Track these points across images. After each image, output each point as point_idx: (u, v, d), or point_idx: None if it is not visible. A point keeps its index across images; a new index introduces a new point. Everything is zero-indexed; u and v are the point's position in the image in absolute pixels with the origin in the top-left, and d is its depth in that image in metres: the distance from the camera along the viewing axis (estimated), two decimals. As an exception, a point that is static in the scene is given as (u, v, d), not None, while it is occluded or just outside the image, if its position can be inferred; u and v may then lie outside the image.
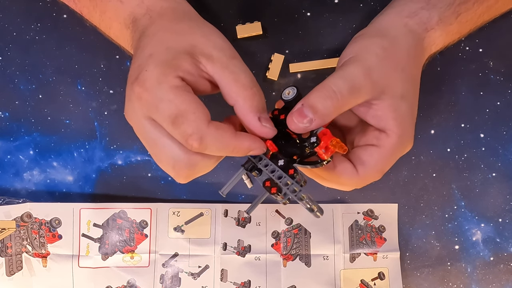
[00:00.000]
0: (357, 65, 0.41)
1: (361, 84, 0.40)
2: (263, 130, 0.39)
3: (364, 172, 0.41)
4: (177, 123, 0.36)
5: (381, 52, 0.42)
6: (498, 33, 0.57)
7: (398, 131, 0.41)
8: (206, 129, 0.37)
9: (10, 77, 0.57)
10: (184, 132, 0.36)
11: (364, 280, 0.58)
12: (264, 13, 0.56)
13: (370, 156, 0.41)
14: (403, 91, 0.42)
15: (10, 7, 0.57)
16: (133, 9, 0.43)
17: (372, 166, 0.41)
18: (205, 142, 0.37)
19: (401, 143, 0.42)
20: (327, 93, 0.39)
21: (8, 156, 0.57)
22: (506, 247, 0.58)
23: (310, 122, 0.39)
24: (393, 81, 0.41)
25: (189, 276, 0.57)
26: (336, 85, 0.39)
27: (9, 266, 0.55)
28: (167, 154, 0.38)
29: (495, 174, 0.58)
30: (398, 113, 0.41)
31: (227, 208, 0.58)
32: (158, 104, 0.37)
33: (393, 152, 0.42)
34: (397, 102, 0.41)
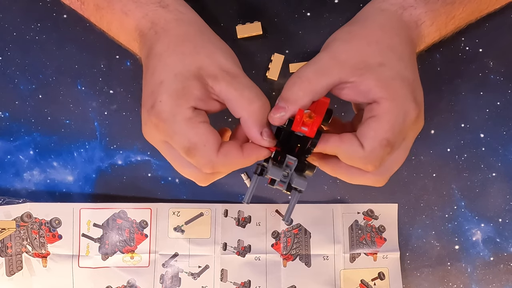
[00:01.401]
0: (322, 52, 0.42)
1: (327, 65, 0.41)
2: (263, 143, 0.42)
3: (368, 144, 0.40)
4: (190, 155, 0.41)
5: (346, 35, 0.43)
6: (498, 33, 0.57)
7: (388, 95, 0.40)
8: (216, 158, 0.41)
9: (10, 77, 0.57)
10: (197, 162, 0.41)
11: (364, 280, 0.58)
12: (264, 13, 0.56)
13: (368, 127, 0.40)
14: (381, 60, 0.41)
15: (10, 7, 0.57)
16: (139, 22, 0.44)
17: (373, 135, 0.40)
18: (217, 168, 0.41)
19: (396, 106, 0.40)
20: (293, 80, 0.41)
21: (8, 156, 0.57)
22: (506, 247, 0.58)
23: (284, 110, 0.41)
24: (368, 54, 0.41)
25: (189, 276, 0.57)
26: (299, 71, 0.41)
27: (9, 266, 0.55)
28: (187, 171, 0.43)
29: (495, 174, 0.58)
30: (380, 80, 0.40)
31: (227, 208, 0.58)
32: (172, 136, 0.41)
33: (390, 117, 0.40)
34: (377, 71, 0.40)
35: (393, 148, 0.41)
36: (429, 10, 0.45)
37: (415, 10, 0.44)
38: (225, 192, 0.58)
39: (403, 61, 0.42)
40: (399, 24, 0.44)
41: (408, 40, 0.44)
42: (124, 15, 0.45)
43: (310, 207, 0.58)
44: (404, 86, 0.41)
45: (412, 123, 0.41)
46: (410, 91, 0.41)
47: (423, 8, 0.44)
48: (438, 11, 0.45)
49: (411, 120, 0.41)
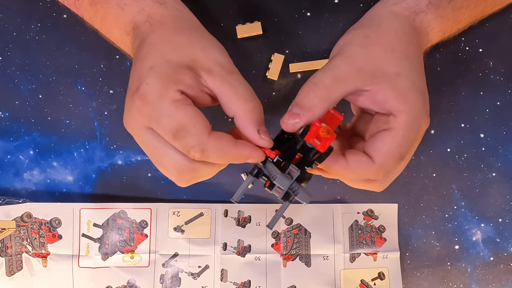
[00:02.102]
0: (338, 57, 0.41)
1: (344, 72, 0.40)
2: (260, 142, 0.40)
3: (380, 158, 0.40)
4: (179, 137, 0.38)
5: (363, 40, 0.42)
6: (498, 33, 0.57)
7: (404, 108, 0.39)
8: (206, 140, 0.38)
9: (10, 77, 0.57)
10: (186, 144, 0.38)
11: (364, 280, 0.58)
12: (264, 13, 0.56)
13: (382, 141, 0.40)
14: (397, 69, 0.40)
15: (10, 7, 0.57)
16: (134, 16, 0.43)
17: (387, 150, 0.40)
18: (207, 152, 0.38)
19: (412, 121, 0.40)
20: (309, 87, 0.40)
21: (8, 156, 0.57)
22: (506, 247, 0.58)
23: (299, 117, 0.40)
24: (384, 62, 0.41)
25: (189, 276, 0.57)
26: (316, 77, 0.40)
27: (9, 266, 0.55)
28: (170, 161, 0.40)
29: (495, 174, 0.58)
30: (398, 90, 0.40)
31: (227, 208, 0.58)
32: (159, 119, 0.38)
33: (406, 132, 0.40)
34: (394, 80, 0.40)
35: (403, 160, 0.41)
36: (438, 16, 0.44)
37: (426, 15, 0.44)
38: (225, 192, 0.58)
39: (416, 70, 0.42)
40: (412, 31, 0.43)
41: (419, 47, 0.44)
42: (120, 9, 0.44)
43: (310, 207, 0.58)
44: (419, 98, 0.40)
45: (421, 130, 0.41)
46: (423, 103, 0.41)
47: (433, 14, 0.44)
48: (447, 16, 0.45)
49: (423, 132, 0.41)
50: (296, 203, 0.42)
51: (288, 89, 0.57)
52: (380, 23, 0.44)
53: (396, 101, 0.40)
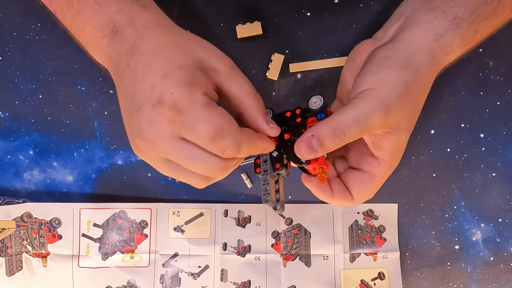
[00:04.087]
0: (375, 104, 0.40)
1: (374, 125, 0.40)
2: (272, 131, 0.42)
3: (358, 198, 0.45)
4: (217, 139, 0.38)
5: (403, 90, 0.41)
6: (498, 33, 0.57)
7: (391, 161, 0.43)
8: (241, 137, 0.39)
9: (10, 77, 0.57)
10: (223, 145, 0.38)
11: (364, 280, 0.58)
12: (264, 13, 0.56)
13: (363, 185, 0.45)
14: (409, 125, 0.43)
15: (10, 7, 0.57)
16: (112, 15, 0.42)
17: (365, 192, 0.45)
18: (241, 148, 0.39)
19: (389, 170, 0.44)
20: (337, 133, 0.40)
21: (8, 156, 0.57)
22: (506, 247, 0.58)
23: (316, 153, 0.41)
24: (404, 117, 0.42)
25: (189, 276, 0.57)
26: (347, 127, 0.40)
27: (9, 266, 0.55)
28: (203, 165, 0.40)
29: (495, 174, 0.58)
30: (397, 146, 0.43)
31: (227, 208, 0.58)
32: (194, 125, 0.38)
33: (383, 179, 0.45)
34: (401, 136, 0.43)
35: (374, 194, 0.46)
36: (461, 51, 0.44)
37: (454, 54, 0.44)
38: (225, 192, 0.58)
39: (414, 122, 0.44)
40: (435, 75, 0.44)
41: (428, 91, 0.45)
42: (98, 6, 0.42)
43: (310, 207, 0.58)
44: (403, 150, 0.44)
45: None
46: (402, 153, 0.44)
47: (459, 52, 0.44)
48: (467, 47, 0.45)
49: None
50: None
51: (288, 89, 0.57)
52: (419, 70, 0.42)
53: (390, 154, 0.43)
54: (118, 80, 0.41)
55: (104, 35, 0.42)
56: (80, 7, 0.43)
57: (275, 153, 0.44)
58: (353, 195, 0.45)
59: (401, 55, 0.42)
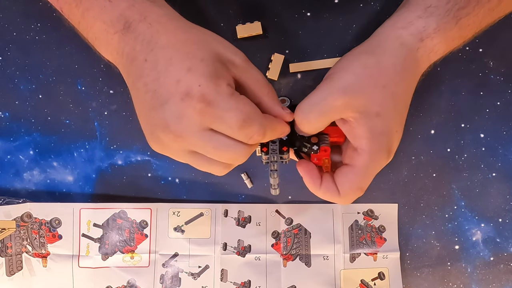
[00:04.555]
0: (331, 86, 0.43)
1: (333, 106, 0.42)
2: (288, 116, 0.44)
3: (343, 191, 0.45)
4: (246, 126, 0.40)
5: (361, 71, 0.43)
6: (498, 33, 0.57)
7: (369, 149, 0.43)
8: (265, 121, 0.41)
9: (10, 77, 0.57)
10: (250, 131, 0.40)
11: (364, 280, 0.58)
12: (264, 13, 0.56)
13: (345, 177, 0.45)
14: (379, 109, 0.42)
15: (10, 7, 0.57)
16: (123, 11, 0.42)
17: (348, 186, 0.44)
18: (266, 133, 0.41)
19: (372, 161, 0.43)
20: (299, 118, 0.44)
21: (8, 156, 0.57)
22: (506, 247, 0.58)
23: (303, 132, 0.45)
24: (371, 99, 0.42)
25: (189, 276, 0.57)
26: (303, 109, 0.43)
27: (9, 266, 0.55)
28: (230, 154, 0.41)
29: (495, 174, 0.58)
30: (372, 132, 0.43)
31: (227, 208, 0.58)
32: (223, 115, 0.39)
33: (366, 171, 0.44)
34: (372, 121, 0.42)
35: (364, 191, 0.45)
36: (444, 39, 0.44)
37: (431, 41, 0.44)
38: (225, 192, 0.58)
39: (397, 111, 0.44)
40: (412, 64, 0.44)
41: (412, 82, 0.45)
42: (108, 2, 0.42)
43: (310, 207, 0.58)
44: (387, 140, 0.43)
45: (381, 167, 0.45)
46: (388, 144, 0.44)
47: (439, 38, 0.44)
48: (452, 37, 0.45)
49: (382, 167, 0.45)
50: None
51: (288, 89, 0.57)
52: (384, 52, 0.44)
53: (365, 141, 0.43)
54: (134, 77, 0.41)
55: (116, 31, 0.42)
56: (89, 3, 0.43)
57: (284, 136, 0.46)
58: (339, 189, 0.45)
59: (365, 45, 0.45)
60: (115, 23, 0.42)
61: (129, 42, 0.42)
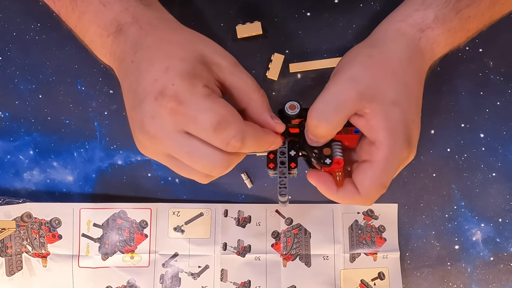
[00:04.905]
0: (340, 78, 0.41)
1: (347, 98, 0.40)
2: (277, 126, 0.42)
3: (364, 190, 0.42)
4: (220, 129, 0.37)
5: (366, 61, 0.42)
6: (498, 33, 0.57)
7: (388, 141, 0.40)
8: (245, 128, 0.39)
9: (10, 77, 0.57)
10: (227, 135, 0.38)
11: (364, 280, 0.58)
12: (264, 13, 0.56)
13: (364, 174, 0.41)
14: (394, 97, 0.41)
15: (10, 7, 0.57)
16: (117, 14, 0.42)
17: (369, 184, 0.41)
18: (245, 140, 0.38)
19: (392, 153, 0.41)
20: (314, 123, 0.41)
21: (8, 156, 0.57)
22: (506, 247, 0.58)
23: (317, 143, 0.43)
24: (383, 87, 0.41)
25: (189, 276, 0.57)
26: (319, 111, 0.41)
27: (9, 266, 0.55)
28: (205, 161, 0.39)
29: (495, 174, 0.58)
30: (389, 122, 0.40)
31: (227, 208, 0.58)
32: (196, 115, 0.37)
33: (386, 165, 0.41)
34: (389, 109, 0.41)
35: (386, 187, 0.42)
36: (445, 30, 0.44)
37: (432, 31, 0.44)
38: (225, 192, 0.58)
39: (411, 100, 0.42)
40: (416, 52, 0.44)
41: (420, 74, 0.44)
42: (102, 6, 0.43)
43: (310, 207, 0.58)
44: (405, 130, 0.41)
45: (403, 161, 0.42)
46: (407, 135, 0.41)
47: (440, 29, 0.44)
48: (454, 29, 0.44)
49: (403, 160, 0.42)
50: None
51: (288, 89, 0.57)
52: (385, 43, 0.43)
53: (383, 133, 0.40)
54: (123, 77, 0.42)
55: (109, 34, 0.42)
56: (85, 7, 0.43)
57: (292, 152, 0.44)
58: (359, 189, 0.42)
59: (367, 40, 0.45)
60: (109, 26, 0.42)
61: (120, 45, 0.42)
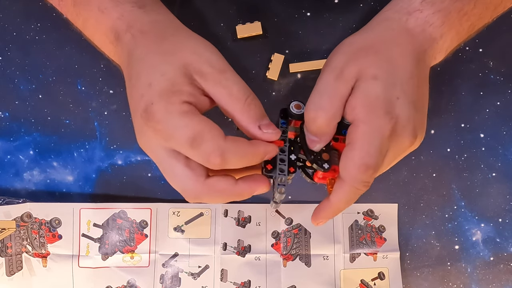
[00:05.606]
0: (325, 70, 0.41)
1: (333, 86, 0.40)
2: (265, 136, 0.40)
3: (348, 175, 0.39)
4: (196, 145, 0.37)
5: (347, 48, 0.42)
6: (498, 33, 0.57)
7: (364, 116, 0.39)
8: (224, 143, 0.38)
9: (10, 77, 0.57)
10: (204, 151, 0.37)
11: (364, 280, 0.58)
12: (264, 13, 0.56)
13: (345, 157, 0.39)
14: (375, 72, 0.39)
15: (10, 7, 0.57)
16: (114, 22, 0.42)
17: (352, 166, 0.39)
18: (226, 156, 0.38)
19: (372, 130, 0.38)
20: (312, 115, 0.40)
21: (8, 156, 0.57)
22: (506, 247, 0.58)
23: (319, 142, 0.41)
24: (365, 64, 0.40)
25: (189, 276, 0.57)
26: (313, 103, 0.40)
27: (9, 266, 0.55)
28: (178, 183, 0.40)
29: (495, 174, 0.58)
30: (367, 97, 0.39)
31: (227, 208, 0.58)
32: (173, 133, 0.38)
33: (366, 142, 0.38)
34: (368, 85, 0.39)
35: (375, 169, 0.39)
36: (436, 10, 0.43)
37: (421, 13, 0.43)
38: (225, 192, 0.58)
39: (395, 75, 0.40)
40: (402, 33, 0.43)
41: (410, 51, 0.42)
42: (100, 12, 0.43)
43: (310, 207, 0.58)
44: (384, 106, 0.39)
45: (388, 140, 0.39)
46: (386, 107, 0.39)
47: (429, 10, 0.43)
48: (447, 9, 0.43)
49: (386, 136, 0.39)
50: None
51: (288, 89, 0.57)
52: (368, 30, 0.44)
53: (361, 109, 0.39)
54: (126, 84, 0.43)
55: (110, 42, 0.43)
56: (87, 14, 0.44)
57: (293, 156, 0.42)
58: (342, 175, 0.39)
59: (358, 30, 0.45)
60: (109, 33, 0.43)
61: (118, 53, 0.43)
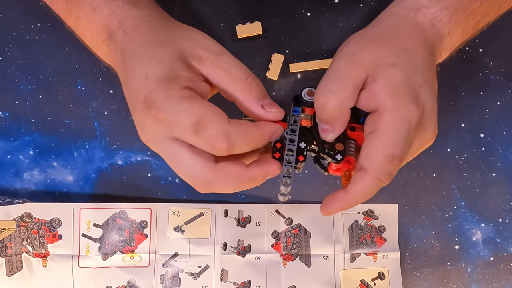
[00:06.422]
0: (336, 58, 0.40)
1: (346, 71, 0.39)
2: (269, 115, 0.39)
3: (372, 165, 0.37)
4: (200, 130, 0.36)
5: (359, 39, 0.42)
6: (498, 33, 0.57)
7: (392, 104, 0.37)
8: (229, 127, 0.36)
9: (10, 77, 0.57)
10: (208, 136, 0.36)
11: (364, 280, 0.58)
12: (264, 13, 0.56)
13: (370, 146, 0.38)
14: (394, 60, 0.39)
15: (10, 7, 0.57)
16: (106, 19, 0.42)
17: (377, 155, 0.37)
18: (232, 140, 0.36)
19: (399, 117, 0.37)
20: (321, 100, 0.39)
21: (8, 156, 0.57)
22: (506, 247, 0.58)
23: (332, 131, 0.40)
24: (381, 54, 0.40)
25: (189, 276, 0.57)
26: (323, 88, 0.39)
27: (9, 266, 0.55)
28: (186, 171, 0.39)
29: (495, 174, 0.58)
30: (391, 83, 0.38)
31: (227, 208, 0.58)
32: (175, 119, 0.36)
33: (393, 130, 0.37)
34: (389, 72, 0.38)
35: (401, 160, 0.38)
36: (444, 7, 0.43)
37: (429, 9, 0.43)
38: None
39: (414, 64, 0.40)
40: (413, 26, 0.43)
41: (422, 43, 0.42)
42: (92, 10, 0.42)
43: (310, 207, 0.58)
44: (408, 90, 0.38)
45: (414, 129, 0.38)
46: (413, 95, 0.38)
47: (437, 6, 0.43)
48: (454, 6, 0.44)
49: (413, 125, 0.38)
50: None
51: (288, 89, 0.57)
52: (378, 24, 0.44)
53: (385, 96, 0.38)
54: (122, 84, 0.42)
55: (102, 40, 0.42)
56: (78, 11, 0.43)
57: (303, 144, 0.40)
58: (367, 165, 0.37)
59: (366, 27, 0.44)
60: (101, 32, 0.42)
61: (111, 52, 0.42)
